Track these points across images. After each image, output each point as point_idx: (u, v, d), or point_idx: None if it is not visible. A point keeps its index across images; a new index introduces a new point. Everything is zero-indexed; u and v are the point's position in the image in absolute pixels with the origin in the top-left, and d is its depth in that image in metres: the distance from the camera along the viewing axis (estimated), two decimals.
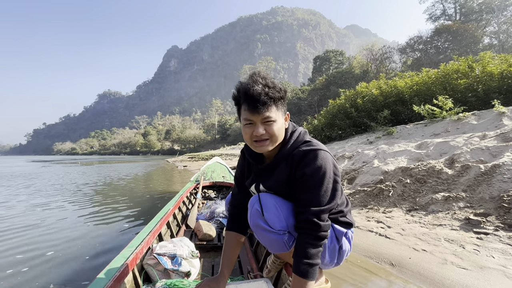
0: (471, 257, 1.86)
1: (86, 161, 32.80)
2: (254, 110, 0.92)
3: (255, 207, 1.01)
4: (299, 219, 0.94)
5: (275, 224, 0.97)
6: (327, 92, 30.84)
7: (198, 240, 2.21)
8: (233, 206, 1.22)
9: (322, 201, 0.92)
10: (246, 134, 0.97)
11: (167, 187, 7.00)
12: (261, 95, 0.91)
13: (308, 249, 0.89)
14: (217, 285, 1.03)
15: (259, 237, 1.04)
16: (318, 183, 0.92)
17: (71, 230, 3.21)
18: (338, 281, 1.78)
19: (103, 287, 1.03)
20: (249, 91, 0.92)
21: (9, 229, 3.28)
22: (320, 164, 0.92)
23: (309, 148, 0.96)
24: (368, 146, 5.87)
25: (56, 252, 2.51)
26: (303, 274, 0.87)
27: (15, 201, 5.22)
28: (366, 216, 2.98)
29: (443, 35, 26.21)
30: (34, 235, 3.04)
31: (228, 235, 1.17)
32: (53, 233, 3.11)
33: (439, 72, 7.02)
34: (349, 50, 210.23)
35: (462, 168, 3.03)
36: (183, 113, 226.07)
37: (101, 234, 3.05)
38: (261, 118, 0.93)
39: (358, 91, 9.10)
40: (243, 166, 1.22)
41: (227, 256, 1.12)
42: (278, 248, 1.01)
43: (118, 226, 3.38)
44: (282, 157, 1.01)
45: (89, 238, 2.91)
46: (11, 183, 8.28)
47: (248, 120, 0.95)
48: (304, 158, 0.95)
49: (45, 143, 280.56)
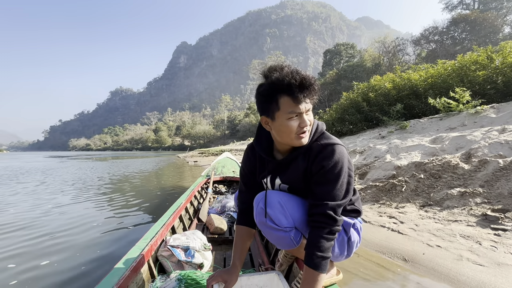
0: (488, 253, 1.81)
1: (100, 156, 33.74)
2: (304, 99, 0.88)
3: (260, 205, 1.01)
4: (313, 212, 0.93)
5: (280, 222, 0.97)
6: (338, 86, 30.30)
7: (209, 234, 2.25)
8: (242, 203, 1.23)
9: (338, 195, 0.92)
10: (291, 128, 0.91)
11: (179, 182, 7.12)
12: (311, 81, 0.87)
13: (322, 242, 0.89)
14: (230, 276, 1.04)
15: (266, 235, 1.05)
16: (335, 177, 0.91)
17: (88, 222, 3.32)
18: (350, 275, 1.77)
19: (121, 276, 1.07)
20: (300, 79, 0.86)
21: (33, 220, 3.44)
22: (338, 159, 0.92)
23: (328, 141, 0.95)
24: (380, 141, 5.76)
25: (73, 241, 2.61)
26: (316, 266, 0.88)
27: (35, 197, 5.45)
28: (378, 212, 2.94)
29: (460, 25, 25.13)
30: (54, 226, 3.17)
31: (238, 228, 1.19)
32: (71, 225, 3.23)
33: (456, 63, 6.77)
34: (360, 43, 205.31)
35: (479, 163, 2.93)
36: (193, 109, 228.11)
37: (115, 226, 3.14)
38: (307, 109, 0.91)
39: (371, 85, 8.91)
40: (253, 163, 1.17)
41: (238, 249, 1.14)
42: (285, 244, 1.02)
43: (131, 218, 3.47)
44: (302, 149, 0.98)
45: (105, 229, 3.01)
46: (30, 179, 8.64)
47: (296, 112, 0.89)
48: (322, 152, 0.94)
49: (61, 139, 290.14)
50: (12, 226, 3.21)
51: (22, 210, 4.04)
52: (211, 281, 1.04)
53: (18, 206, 4.33)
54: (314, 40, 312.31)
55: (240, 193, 1.26)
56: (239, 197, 1.26)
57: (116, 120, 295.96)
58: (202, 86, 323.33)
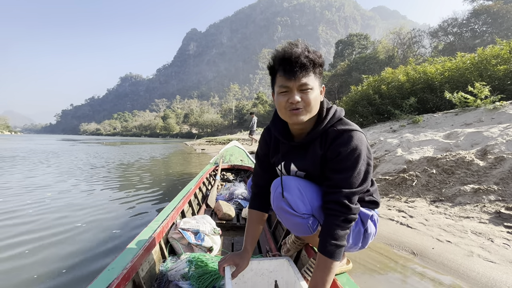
0: (500, 251, 1.78)
1: (110, 141, 34.36)
2: (291, 74, 0.86)
3: (279, 190, 0.99)
4: (328, 199, 0.92)
5: (299, 208, 0.95)
6: (349, 78, 29.65)
7: (218, 219, 2.28)
8: (256, 186, 1.21)
9: (354, 183, 0.89)
10: (280, 104, 0.91)
11: (187, 169, 7.21)
12: (301, 57, 0.85)
13: (336, 230, 0.87)
14: (242, 260, 1.05)
15: (283, 221, 1.03)
16: (352, 164, 0.88)
17: (99, 205, 3.42)
18: (358, 266, 1.78)
19: (134, 255, 1.10)
20: (288, 53, 0.86)
21: (47, 203, 3.56)
22: (356, 145, 0.88)
23: (345, 127, 0.92)
24: (391, 134, 5.65)
25: (87, 224, 2.69)
26: (330, 254, 0.86)
27: (50, 178, 5.61)
28: (387, 205, 2.91)
29: (482, 17, 23.98)
30: (67, 210, 3.28)
31: (250, 213, 1.18)
32: (83, 206, 3.33)
33: (476, 57, 6.49)
34: (374, 34, 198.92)
35: (495, 160, 2.84)
36: (201, 97, 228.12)
37: (126, 209, 3.22)
38: (298, 85, 0.87)
39: (383, 77, 8.67)
40: (268, 146, 1.16)
41: (250, 233, 1.14)
42: (302, 231, 1.00)
43: (141, 202, 3.55)
44: (316, 134, 0.96)
45: (116, 212, 3.09)
46: (44, 160, 8.90)
47: (284, 86, 0.89)
48: (339, 137, 0.91)
49: (72, 123, 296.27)
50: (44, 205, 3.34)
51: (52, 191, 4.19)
52: (223, 263, 1.05)
53: (52, 187, 4.48)
54: (326, 29, 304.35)
55: (254, 176, 1.25)
56: (253, 180, 1.25)
57: (126, 106, 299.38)
58: (211, 74, 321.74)
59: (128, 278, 0.99)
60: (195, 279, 1.20)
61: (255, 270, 1.11)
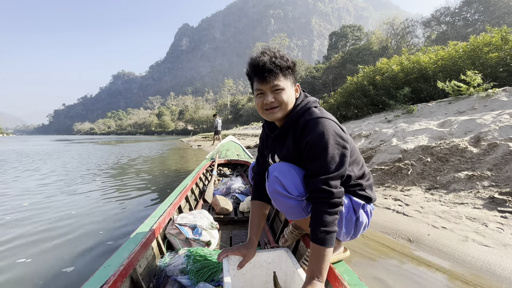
0: (494, 235, 1.81)
1: (105, 140, 34.01)
2: (262, 79, 0.98)
3: (274, 174, 1.03)
4: (309, 189, 0.94)
5: (293, 190, 0.98)
6: (343, 70, 29.64)
7: (215, 214, 2.28)
8: (257, 174, 1.28)
9: (330, 167, 0.91)
10: (258, 104, 1.04)
11: (183, 165, 7.18)
12: (267, 64, 0.96)
13: (324, 217, 0.89)
14: (248, 250, 1.08)
15: (278, 204, 1.06)
16: (322, 151, 0.91)
17: (95, 203, 3.39)
18: (355, 254, 1.80)
19: (131, 251, 1.09)
20: (256, 62, 0.99)
21: (47, 202, 3.52)
22: (321, 131, 0.92)
23: (310, 117, 0.98)
24: (386, 124, 5.68)
25: (86, 217, 2.67)
26: (320, 241, 0.87)
27: (46, 179, 5.54)
28: (383, 194, 2.94)
29: (474, 6, 24.07)
30: (63, 207, 3.24)
31: (254, 204, 1.22)
32: (78, 205, 3.30)
33: (468, 45, 6.51)
34: (367, 25, 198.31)
35: (489, 147, 2.88)
36: (196, 93, 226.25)
37: (123, 206, 3.20)
38: (270, 87, 0.99)
39: (378, 68, 8.67)
40: (263, 138, 1.28)
41: (254, 224, 1.18)
42: (296, 214, 1.03)
43: (138, 199, 3.53)
44: (288, 125, 1.05)
45: (113, 209, 3.07)
46: (39, 159, 8.78)
47: (259, 90, 1.01)
48: (306, 127, 0.96)
49: (65, 123, 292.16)
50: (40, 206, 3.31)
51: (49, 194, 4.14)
52: (229, 253, 1.08)
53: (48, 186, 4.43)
54: (319, 21, 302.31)
55: (256, 165, 1.33)
56: (255, 169, 1.32)
57: (119, 104, 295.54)
58: (204, 70, 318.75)
59: (125, 274, 0.98)
60: (194, 273, 1.20)
61: (253, 262, 1.11)
